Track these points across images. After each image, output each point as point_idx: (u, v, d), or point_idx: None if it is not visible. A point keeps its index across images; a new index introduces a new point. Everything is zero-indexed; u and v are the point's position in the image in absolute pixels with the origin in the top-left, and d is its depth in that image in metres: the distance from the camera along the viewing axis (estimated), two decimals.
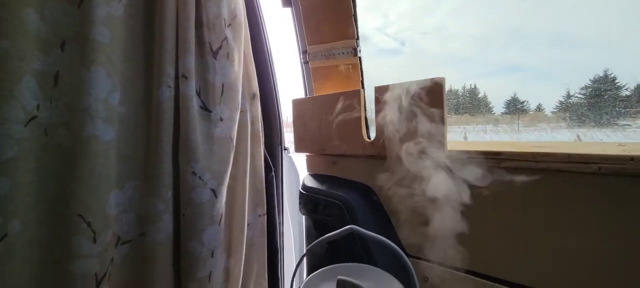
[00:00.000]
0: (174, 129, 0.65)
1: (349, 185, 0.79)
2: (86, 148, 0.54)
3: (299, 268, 0.48)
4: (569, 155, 0.47)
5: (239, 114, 0.74)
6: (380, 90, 0.68)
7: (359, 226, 0.52)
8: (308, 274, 0.54)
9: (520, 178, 0.53)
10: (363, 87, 0.79)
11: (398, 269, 0.42)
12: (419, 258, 0.69)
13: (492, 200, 0.57)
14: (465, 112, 1.61)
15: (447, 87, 0.62)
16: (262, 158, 0.90)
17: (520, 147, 0.56)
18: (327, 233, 0.47)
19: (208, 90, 0.68)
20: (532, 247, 0.54)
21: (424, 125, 0.61)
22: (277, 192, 0.97)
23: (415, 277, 0.41)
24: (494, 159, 0.55)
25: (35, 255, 0.52)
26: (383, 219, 0.75)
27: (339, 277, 0.40)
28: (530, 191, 0.53)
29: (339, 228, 0.52)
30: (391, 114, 0.65)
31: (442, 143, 0.59)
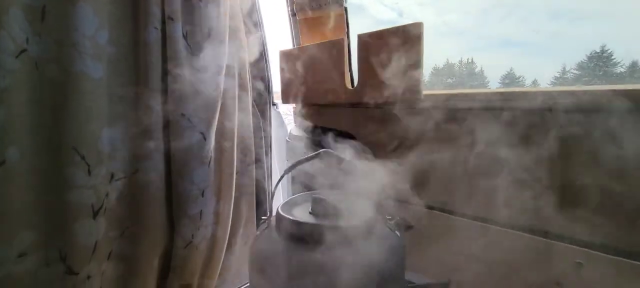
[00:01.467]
0: (162, 71, 0.67)
1: (333, 133, 0.83)
2: (76, 84, 0.56)
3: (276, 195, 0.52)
4: (534, 92, 0.51)
5: (225, 60, 0.76)
6: (362, 38, 0.70)
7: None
8: None
9: (485, 115, 0.57)
10: (348, 37, 0.81)
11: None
12: (401, 201, 0.74)
13: (464, 140, 0.62)
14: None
15: (443, 61, 0.65)
16: (250, 109, 0.93)
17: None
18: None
19: (195, 34, 0.69)
20: (502, 184, 0.60)
21: (401, 71, 0.64)
22: (265, 143, 1.00)
23: (386, 200, 0.46)
24: (464, 98, 0.58)
25: (34, 182, 0.55)
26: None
27: (313, 195, 0.44)
28: (499, 128, 0.57)
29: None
30: (371, 61, 0.68)
31: (417, 88, 0.63)
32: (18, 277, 0.54)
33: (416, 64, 0.62)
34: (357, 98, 0.75)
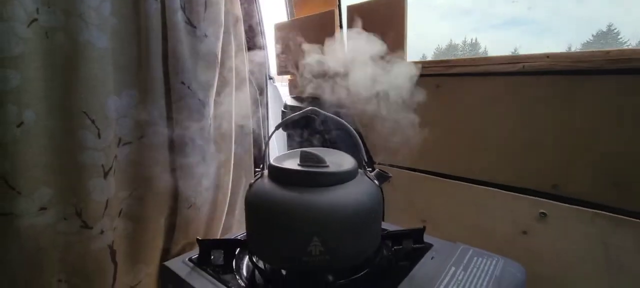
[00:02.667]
0: (162, 42, 0.71)
1: (324, 102, 0.88)
2: (83, 52, 0.61)
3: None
4: (500, 58, 0.55)
5: (222, 33, 0.80)
6: (351, 10, 0.73)
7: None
8: None
9: (465, 82, 0.62)
10: (339, 8, 0.84)
11: (354, 149, 0.52)
12: (386, 165, 0.80)
13: (444, 103, 0.67)
14: None
15: (447, 41, 0.68)
16: (247, 81, 0.97)
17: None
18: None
19: (192, 6, 0.73)
20: (476, 143, 0.65)
21: (387, 39, 0.68)
22: (262, 114, 1.05)
23: (364, 151, 0.51)
24: (444, 66, 0.63)
25: (50, 143, 0.61)
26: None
27: (301, 150, 0.50)
28: (474, 92, 0.62)
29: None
30: (360, 31, 0.72)
31: (402, 56, 0.67)
32: (40, 229, 0.61)
33: (400, 33, 0.66)
34: (345, 67, 0.79)
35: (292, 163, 0.48)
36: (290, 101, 0.96)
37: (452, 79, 0.64)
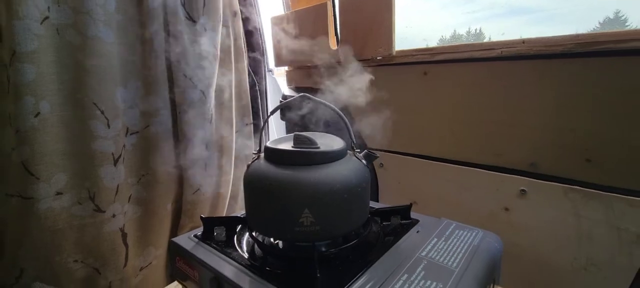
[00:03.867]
0: (165, 37, 0.75)
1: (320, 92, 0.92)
2: (92, 47, 0.65)
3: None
4: (480, 44, 0.59)
5: (221, 27, 0.84)
6: (342, 1, 0.77)
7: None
8: None
9: (450, 68, 0.66)
10: (333, 1, 0.88)
11: (344, 132, 0.56)
12: (380, 150, 0.84)
13: (432, 89, 0.71)
14: None
15: (451, 32, 0.72)
16: (246, 73, 1.01)
17: None
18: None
19: (192, 1, 0.77)
20: (461, 126, 0.69)
21: (376, 29, 0.72)
22: (261, 105, 1.10)
23: (353, 134, 0.55)
24: (429, 54, 0.67)
25: (64, 133, 0.66)
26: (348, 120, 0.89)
27: (295, 133, 0.54)
28: (458, 78, 0.66)
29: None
30: (350, 22, 0.76)
31: (390, 45, 0.71)
32: (57, 212, 0.66)
33: (388, 23, 0.70)
34: (340, 57, 0.83)
35: (286, 146, 0.52)
36: (288, 92, 1.00)
37: (438, 65, 0.68)
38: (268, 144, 0.53)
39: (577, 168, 0.57)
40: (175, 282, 0.62)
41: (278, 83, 1.26)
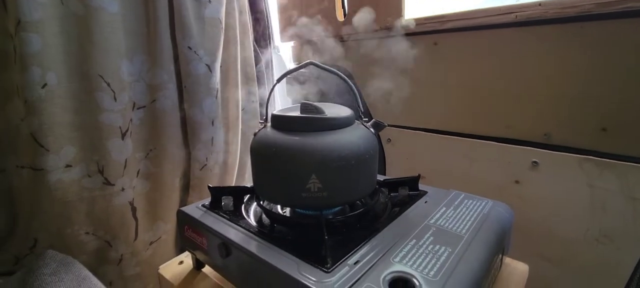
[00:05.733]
0: (169, 8, 0.74)
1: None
2: (96, 17, 0.65)
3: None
4: (494, 8, 0.56)
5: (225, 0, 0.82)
6: None
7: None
8: None
9: (461, 37, 0.63)
10: None
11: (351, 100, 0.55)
12: (387, 125, 0.83)
13: (442, 60, 0.68)
14: None
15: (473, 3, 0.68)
16: (252, 49, 1.00)
17: None
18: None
19: None
20: (472, 97, 0.67)
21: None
22: (267, 81, 1.09)
23: (360, 99, 0.54)
24: (439, 22, 0.64)
25: (71, 104, 0.65)
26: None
27: (302, 102, 0.53)
28: (470, 47, 0.64)
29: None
30: None
31: (399, 14, 0.69)
32: (67, 184, 0.67)
33: None
34: (347, 30, 0.81)
35: (294, 113, 0.51)
36: (293, 66, 0.99)
37: (449, 35, 0.66)
38: (275, 112, 0.53)
39: (593, 137, 0.56)
40: (186, 252, 0.63)
41: (283, 58, 1.25)
